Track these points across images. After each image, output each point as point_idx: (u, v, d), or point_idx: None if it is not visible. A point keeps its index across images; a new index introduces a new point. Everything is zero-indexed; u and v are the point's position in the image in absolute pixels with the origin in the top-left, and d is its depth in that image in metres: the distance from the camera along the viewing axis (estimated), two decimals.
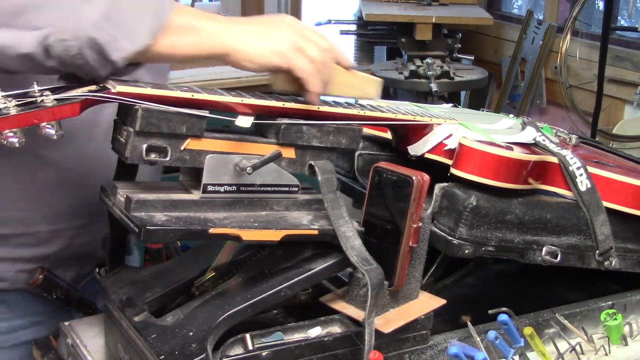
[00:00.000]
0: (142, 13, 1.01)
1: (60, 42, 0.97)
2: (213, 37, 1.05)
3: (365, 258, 1.04)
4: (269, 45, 1.06)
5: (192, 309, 1.05)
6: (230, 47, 1.05)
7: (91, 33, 0.97)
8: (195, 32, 1.04)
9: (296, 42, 1.07)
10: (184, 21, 1.03)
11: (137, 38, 1.00)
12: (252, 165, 1.04)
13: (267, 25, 1.08)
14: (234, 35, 1.05)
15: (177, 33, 1.03)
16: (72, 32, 0.97)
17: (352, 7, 4.20)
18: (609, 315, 1.23)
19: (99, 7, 0.98)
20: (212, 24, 1.05)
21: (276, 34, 1.07)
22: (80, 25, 0.97)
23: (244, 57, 1.05)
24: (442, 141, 1.21)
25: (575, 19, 3.70)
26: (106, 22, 0.98)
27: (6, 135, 0.92)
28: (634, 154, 1.55)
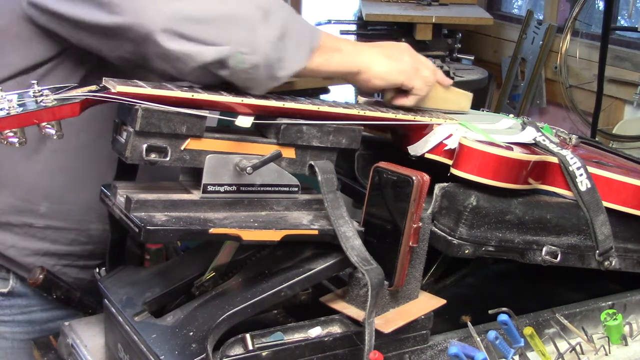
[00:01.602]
0: (303, 36, 1.14)
1: (238, 54, 1.06)
2: (352, 56, 1.20)
3: (365, 258, 1.04)
4: (397, 66, 1.24)
5: (192, 309, 1.05)
6: (364, 67, 1.21)
7: (267, 51, 1.08)
8: (339, 53, 1.19)
9: (415, 64, 1.26)
10: (330, 43, 1.18)
11: (299, 59, 1.13)
12: (252, 165, 1.04)
13: (392, 49, 1.26)
14: (367, 56, 1.22)
15: (325, 53, 1.17)
16: (250, 48, 1.07)
17: (352, 7, 4.20)
18: (609, 315, 1.23)
19: (275, 30, 1.09)
20: (351, 46, 1.22)
21: (400, 57, 1.25)
22: (259, 43, 1.08)
23: (376, 75, 1.22)
24: (442, 141, 1.21)
25: (575, 19, 3.69)
26: (280, 43, 1.09)
27: (6, 135, 0.92)
28: (634, 154, 1.54)
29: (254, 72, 1.08)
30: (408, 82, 1.25)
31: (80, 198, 1.29)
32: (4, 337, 1.34)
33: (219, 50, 1.06)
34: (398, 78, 1.24)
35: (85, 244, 1.34)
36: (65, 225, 1.31)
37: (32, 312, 1.35)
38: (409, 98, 1.27)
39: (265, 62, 1.08)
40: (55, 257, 1.33)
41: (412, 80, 1.25)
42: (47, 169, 1.26)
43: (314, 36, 1.15)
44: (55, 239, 1.32)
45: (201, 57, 1.06)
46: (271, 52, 1.08)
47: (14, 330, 1.34)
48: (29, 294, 1.33)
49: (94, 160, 1.27)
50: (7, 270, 1.32)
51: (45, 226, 1.30)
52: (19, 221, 1.29)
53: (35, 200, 1.28)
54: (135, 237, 0.99)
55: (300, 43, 1.13)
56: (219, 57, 1.06)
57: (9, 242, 1.30)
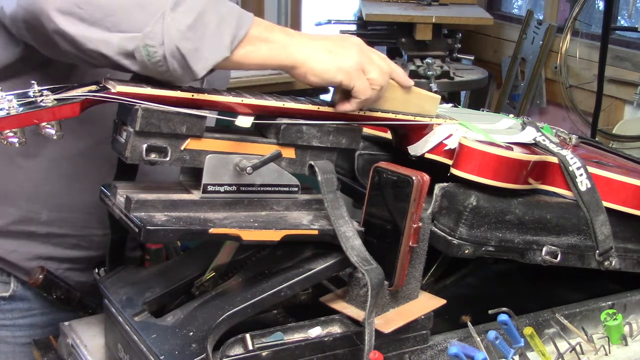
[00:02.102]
0: (224, 25, 1.03)
1: (145, 47, 0.99)
2: (284, 49, 1.08)
3: (365, 258, 1.04)
4: (337, 63, 1.10)
5: (192, 309, 1.05)
6: (299, 61, 1.09)
7: (177, 42, 0.99)
8: (268, 43, 1.07)
9: (361, 62, 1.12)
10: (259, 32, 1.07)
11: (218, 50, 1.03)
12: (252, 165, 1.04)
13: (336, 44, 1.12)
14: (304, 50, 1.09)
15: (251, 43, 1.06)
16: (158, 39, 0.99)
17: (352, 7, 4.20)
18: (609, 315, 1.23)
19: (186, 18, 1.00)
20: (285, 37, 1.09)
21: (344, 53, 1.11)
22: (167, 34, 0.99)
23: (311, 71, 1.09)
24: (442, 141, 1.21)
25: (575, 19, 3.70)
26: (192, 32, 1.00)
27: (6, 135, 0.92)
28: (634, 154, 1.54)
29: (164, 65, 1.01)
30: (348, 81, 1.11)
31: (81, 204, 1.29)
32: (6, 341, 1.34)
33: (124, 39, 1.00)
34: (336, 76, 1.10)
35: (87, 249, 1.34)
36: (67, 232, 1.31)
37: (33, 315, 1.34)
38: (350, 102, 1.13)
39: (176, 54, 1.00)
40: (57, 262, 1.33)
41: (352, 80, 1.11)
42: (47, 176, 1.26)
43: (240, 24, 1.04)
44: (57, 244, 1.31)
45: (103, 44, 1.00)
46: (182, 42, 0.99)
47: (16, 334, 1.34)
48: (30, 297, 1.33)
49: (94, 166, 1.27)
50: (9, 274, 1.32)
51: (47, 233, 1.30)
52: (20, 230, 1.28)
53: (37, 208, 1.27)
54: (135, 237, 0.99)
55: (220, 32, 1.02)
56: (125, 48, 1.00)
57: (11, 247, 1.29)
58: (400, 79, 1.20)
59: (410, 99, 1.23)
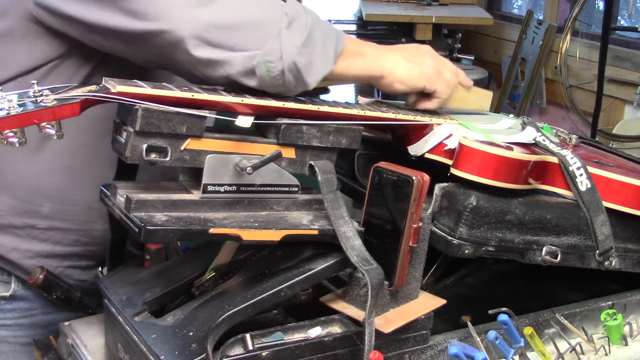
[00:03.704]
0: (328, 41, 1.14)
1: (265, 63, 1.07)
2: (375, 61, 1.21)
3: (365, 258, 1.04)
4: (419, 70, 1.25)
5: (192, 309, 1.05)
6: (387, 71, 1.22)
7: (294, 57, 1.08)
8: (363, 57, 1.19)
9: (437, 67, 1.27)
10: (354, 47, 1.18)
11: (326, 63, 1.13)
12: (252, 165, 1.04)
13: (413, 53, 1.27)
14: (390, 61, 1.22)
15: (349, 57, 1.17)
16: (277, 55, 1.08)
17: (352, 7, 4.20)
18: (609, 315, 1.23)
19: (300, 35, 1.09)
20: (374, 50, 1.22)
21: (423, 61, 1.26)
22: (285, 50, 1.08)
23: (398, 79, 1.23)
24: (442, 141, 1.21)
25: (575, 19, 3.70)
26: (305, 48, 1.10)
27: (6, 135, 0.92)
28: (634, 154, 1.54)
29: (282, 79, 1.09)
30: (430, 85, 1.26)
31: (83, 198, 1.29)
32: (6, 341, 1.34)
33: (246, 58, 1.07)
34: (420, 82, 1.24)
35: (88, 245, 1.34)
36: (68, 226, 1.31)
37: (34, 315, 1.34)
38: (431, 101, 1.28)
39: (293, 68, 1.09)
40: (58, 259, 1.33)
41: (434, 84, 1.26)
42: (49, 169, 1.26)
43: (338, 40, 1.15)
44: (57, 240, 1.32)
45: (228, 65, 1.07)
46: (298, 57, 1.08)
47: (16, 334, 1.34)
48: (31, 297, 1.33)
49: (96, 160, 1.27)
50: (9, 274, 1.32)
51: (48, 227, 1.30)
52: (21, 223, 1.28)
53: (38, 201, 1.28)
54: (135, 237, 0.99)
55: (326, 47, 1.13)
56: (247, 66, 1.07)
57: (11, 245, 1.29)
58: (463, 79, 1.34)
59: (470, 97, 1.37)
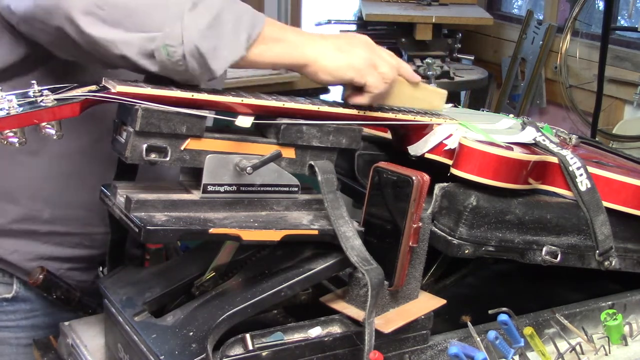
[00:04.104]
0: (240, 25, 1.05)
1: (165, 47, 1.01)
2: (297, 48, 1.11)
3: (365, 258, 1.04)
4: (347, 60, 1.13)
5: (192, 309, 1.05)
6: (311, 59, 1.12)
7: (196, 41, 1.01)
8: (282, 43, 1.10)
9: (371, 58, 1.15)
10: (273, 32, 1.09)
11: (235, 48, 1.05)
12: (252, 165, 1.04)
13: (345, 42, 1.16)
14: (315, 48, 1.12)
15: (265, 43, 1.08)
16: (177, 39, 1.01)
17: (352, 7, 4.20)
18: (609, 315, 1.23)
19: (205, 18, 1.02)
20: (297, 36, 1.12)
21: (353, 50, 1.14)
22: (186, 33, 1.01)
23: (323, 69, 1.12)
24: (442, 141, 1.21)
25: (575, 19, 3.70)
26: (210, 32, 1.02)
27: (6, 135, 0.92)
28: (634, 154, 1.54)
29: (184, 64, 1.02)
30: (359, 78, 1.14)
31: (83, 202, 1.28)
32: (8, 342, 1.34)
33: (144, 40, 1.01)
34: (347, 73, 1.13)
35: (89, 248, 1.34)
36: (69, 230, 1.31)
37: (35, 316, 1.34)
38: (363, 96, 1.17)
39: (196, 53, 1.01)
40: (59, 261, 1.32)
41: (364, 77, 1.14)
42: (47, 174, 1.26)
43: (255, 24, 1.07)
44: (59, 243, 1.31)
45: (124, 46, 1.01)
46: (200, 41, 1.01)
47: (18, 336, 1.34)
48: (33, 298, 1.33)
49: (95, 163, 1.27)
50: (11, 275, 1.31)
51: (49, 232, 1.29)
52: (23, 229, 1.28)
53: (38, 206, 1.27)
54: (135, 237, 0.99)
55: (236, 31, 1.05)
56: (145, 49, 1.01)
57: (12, 248, 1.29)
58: (408, 74, 1.23)
59: (418, 95, 1.26)
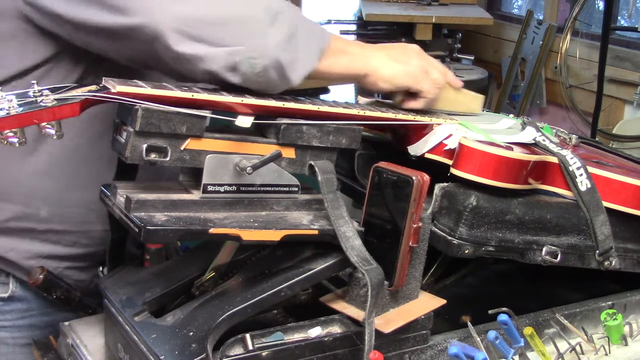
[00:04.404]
0: (312, 38, 1.13)
1: (248, 60, 1.07)
2: (360, 59, 1.20)
3: (365, 258, 1.04)
4: (403, 69, 1.23)
5: (192, 309, 1.05)
6: (372, 70, 1.21)
7: (277, 54, 1.08)
8: (347, 55, 1.19)
9: (424, 66, 1.25)
10: (339, 45, 1.18)
11: (310, 60, 1.13)
12: (252, 165, 1.04)
13: (399, 52, 1.25)
14: (374, 59, 1.21)
15: (334, 55, 1.16)
16: (260, 52, 1.07)
17: (352, 7, 4.20)
18: (609, 315, 1.23)
19: (284, 32, 1.09)
20: (359, 48, 1.22)
21: (408, 60, 1.24)
22: (268, 46, 1.08)
23: (382, 78, 1.22)
24: (442, 141, 1.21)
25: (575, 19, 3.70)
26: (288, 45, 1.09)
27: (6, 135, 0.92)
28: (634, 154, 1.54)
29: (265, 75, 1.08)
30: (415, 84, 1.24)
31: (80, 200, 1.29)
32: (5, 342, 1.34)
33: (228, 54, 1.06)
34: (405, 81, 1.23)
35: (87, 246, 1.34)
36: (66, 228, 1.31)
37: (32, 316, 1.34)
38: (417, 101, 1.27)
39: (276, 65, 1.08)
40: (57, 260, 1.32)
41: (419, 83, 1.24)
42: (44, 172, 1.25)
43: (323, 37, 1.15)
44: (56, 241, 1.31)
45: (211, 60, 1.06)
46: (281, 54, 1.08)
47: (15, 335, 1.34)
48: (29, 297, 1.33)
49: (92, 162, 1.27)
50: (7, 274, 1.31)
51: (47, 230, 1.29)
52: (20, 227, 1.28)
53: (35, 204, 1.27)
54: (135, 237, 0.99)
55: (310, 44, 1.12)
56: (230, 62, 1.06)
57: (9, 246, 1.29)
58: (452, 80, 1.33)
59: (459, 99, 1.35)
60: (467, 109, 1.37)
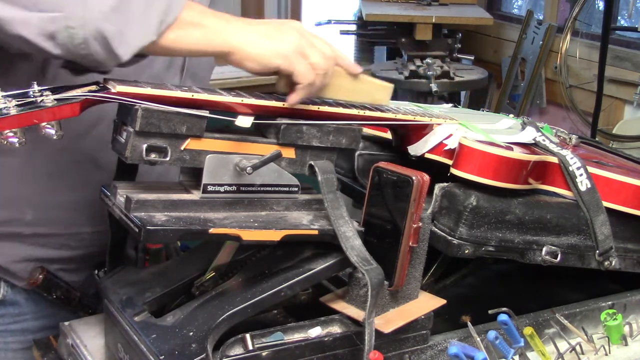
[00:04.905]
0: (151, 8, 1.00)
1: (65, 29, 0.95)
2: (218, 34, 1.05)
3: (365, 258, 1.04)
4: (274, 47, 1.06)
5: (192, 309, 1.05)
6: (234, 46, 1.05)
7: (98, 24, 0.96)
8: (201, 28, 1.04)
9: (300, 46, 1.08)
10: (191, 17, 1.03)
11: (145, 33, 1.00)
12: (252, 165, 1.04)
13: (274, 28, 1.09)
14: (239, 35, 1.06)
15: (182, 28, 1.02)
16: (78, 21, 0.95)
17: (352, 7, 4.20)
18: (609, 315, 1.23)
19: None
20: (219, 21, 1.05)
21: (282, 37, 1.07)
22: (88, 15, 0.95)
23: (247, 56, 1.06)
24: (442, 141, 1.21)
25: (575, 19, 3.70)
26: (115, 14, 0.97)
27: (6, 135, 0.92)
28: (634, 154, 1.54)
29: (86, 48, 0.97)
30: (287, 66, 1.07)
31: (66, 201, 1.26)
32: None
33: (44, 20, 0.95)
34: (273, 61, 1.06)
35: (76, 248, 1.31)
36: (53, 231, 1.28)
37: (25, 320, 1.32)
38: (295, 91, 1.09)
39: (98, 36, 0.96)
40: (46, 263, 1.30)
41: (292, 65, 1.07)
42: (27, 174, 1.23)
43: (169, 8, 1.01)
44: (44, 244, 1.29)
45: (21, 24, 0.95)
46: (104, 24, 0.96)
47: (7, 340, 1.32)
48: (21, 301, 1.31)
49: (74, 162, 1.24)
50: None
51: (34, 234, 1.27)
52: (6, 231, 1.25)
53: (21, 208, 1.24)
54: (135, 237, 0.99)
55: (147, 15, 0.99)
56: (46, 29, 0.95)
57: None
58: (347, 65, 1.16)
59: (360, 88, 1.19)
60: (371, 100, 1.21)
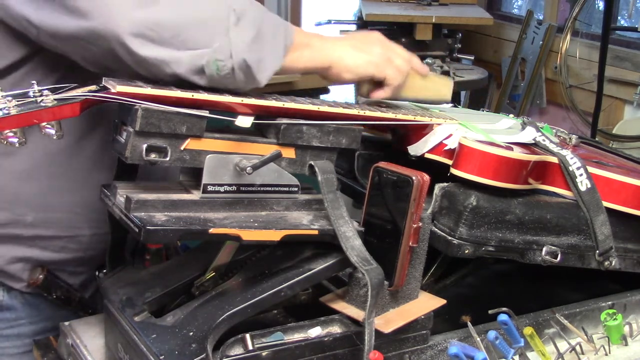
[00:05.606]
0: (277, 35, 1.11)
1: (215, 62, 1.05)
2: (321, 51, 1.19)
3: (365, 258, 1.04)
4: (366, 58, 1.22)
5: (192, 309, 1.05)
6: (334, 61, 1.20)
7: (244, 55, 1.06)
8: (309, 48, 1.17)
9: (386, 54, 1.25)
10: (302, 39, 1.16)
11: (276, 58, 1.11)
12: (252, 165, 1.04)
13: (361, 41, 1.24)
14: (337, 50, 1.20)
15: (297, 50, 1.15)
16: (226, 53, 1.05)
17: (352, 7, 4.20)
18: (609, 315, 1.23)
19: (249, 32, 1.07)
20: (320, 41, 1.20)
21: (370, 49, 1.24)
22: (234, 48, 1.05)
23: (345, 68, 1.21)
24: (442, 141, 1.21)
25: (575, 19, 3.70)
26: (255, 44, 1.07)
27: (6, 135, 0.92)
28: (634, 154, 1.54)
29: (232, 77, 1.07)
30: (379, 73, 1.24)
31: (66, 203, 1.26)
32: None
33: (193, 57, 1.04)
34: (368, 70, 1.22)
35: (75, 251, 1.31)
36: (53, 234, 1.28)
37: (21, 325, 1.32)
38: (384, 90, 1.26)
39: (243, 66, 1.06)
40: (44, 265, 1.29)
41: (383, 71, 1.24)
42: (28, 176, 1.23)
43: (287, 33, 1.13)
44: (44, 247, 1.28)
45: (175, 64, 1.04)
46: (248, 54, 1.06)
47: (3, 345, 1.32)
48: (17, 306, 1.30)
49: (76, 164, 1.24)
50: None
51: (34, 236, 1.26)
52: (6, 233, 1.25)
53: (20, 210, 1.24)
54: (135, 237, 0.99)
55: (275, 42, 1.11)
56: (195, 65, 1.04)
57: None
58: (418, 66, 1.31)
59: (427, 85, 1.33)
60: (437, 95, 1.36)
